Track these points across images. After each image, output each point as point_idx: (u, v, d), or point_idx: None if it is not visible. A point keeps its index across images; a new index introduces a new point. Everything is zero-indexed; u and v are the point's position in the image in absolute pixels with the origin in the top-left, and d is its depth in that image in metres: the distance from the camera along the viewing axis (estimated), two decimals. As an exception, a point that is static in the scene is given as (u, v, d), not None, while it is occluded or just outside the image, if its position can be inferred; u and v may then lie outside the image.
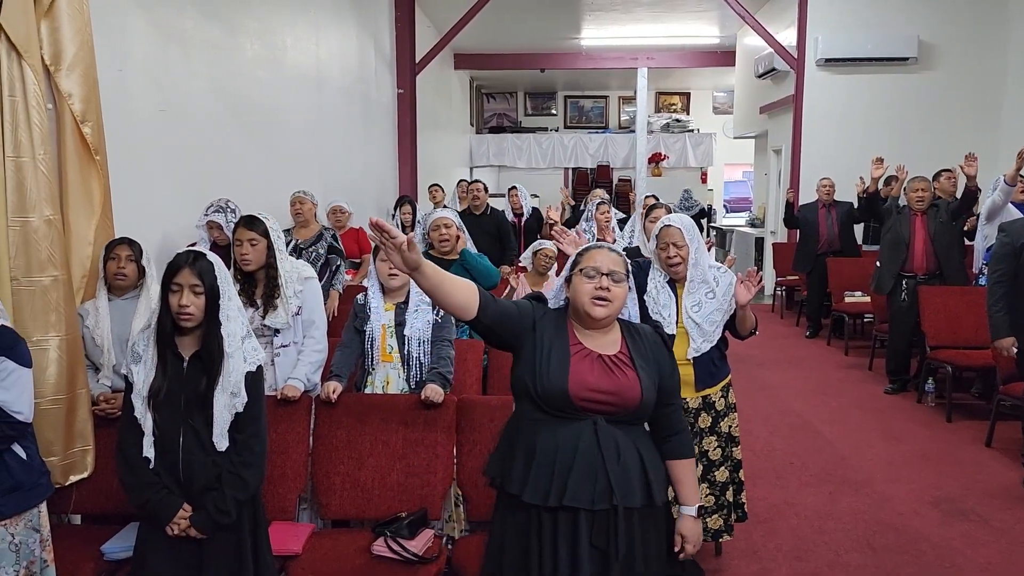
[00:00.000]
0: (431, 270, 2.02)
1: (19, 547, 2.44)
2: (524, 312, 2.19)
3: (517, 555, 2.13)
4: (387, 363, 3.23)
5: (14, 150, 2.70)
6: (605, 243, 2.27)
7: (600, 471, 2.05)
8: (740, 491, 3.36)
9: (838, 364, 7.19)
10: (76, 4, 2.97)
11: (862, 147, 8.39)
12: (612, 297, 2.12)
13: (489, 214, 6.66)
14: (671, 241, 3.11)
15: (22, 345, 2.44)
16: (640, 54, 13.24)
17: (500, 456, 2.22)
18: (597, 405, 2.08)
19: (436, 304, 2.14)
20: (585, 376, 2.09)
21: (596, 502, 2.05)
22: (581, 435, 2.07)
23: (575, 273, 2.17)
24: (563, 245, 3.07)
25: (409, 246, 1.94)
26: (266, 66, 5.78)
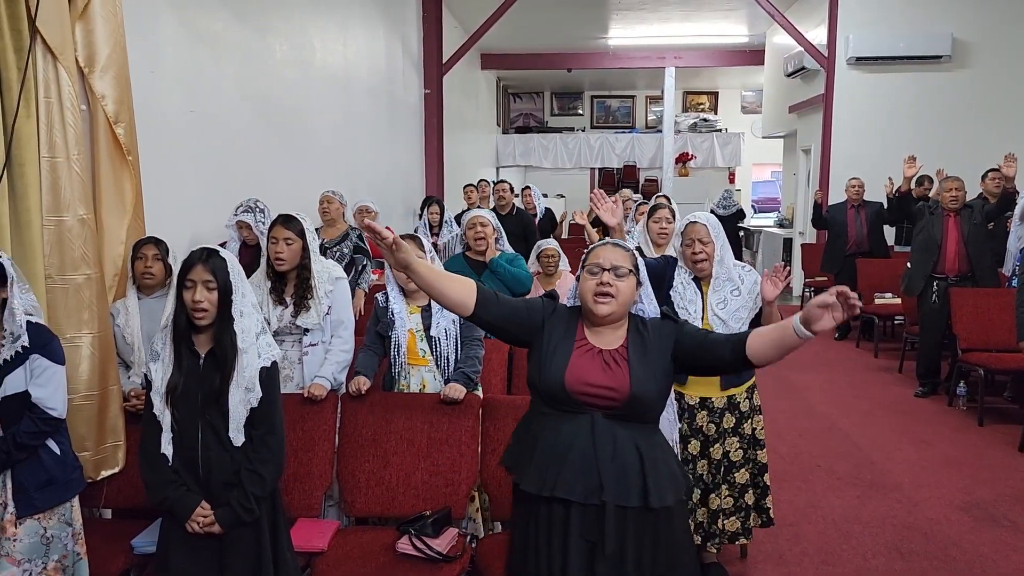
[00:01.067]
0: (424, 268, 2.08)
1: (51, 540, 2.49)
2: (534, 310, 2.23)
3: (520, 544, 2.18)
4: (421, 367, 3.23)
5: (49, 150, 2.75)
6: (611, 239, 2.27)
7: (592, 466, 2.07)
8: (765, 495, 3.32)
9: (867, 366, 7.11)
10: (110, 7, 3.02)
11: (893, 147, 8.28)
12: (615, 292, 2.13)
13: (515, 214, 6.68)
14: (697, 238, 3.10)
15: (55, 343, 2.49)
16: (668, 53, 13.17)
17: (514, 446, 2.28)
18: (594, 399, 2.10)
19: (434, 300, 2.17)
20: (582, 371, 2.12)
21: (586, 496, 2.07)
22: (579, 429, 2.10)
23: (582, 271, 2.20)
24: (600, 211, 3.04)
25: (396, 246, 1.99)
26: (294, 67, 5.84)
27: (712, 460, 3.19)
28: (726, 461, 3.20)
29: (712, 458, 3.19)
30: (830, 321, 1.94)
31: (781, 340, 2.05)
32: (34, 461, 2.46)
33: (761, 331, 2.11)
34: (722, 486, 3.19)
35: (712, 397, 3.18)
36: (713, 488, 3.19)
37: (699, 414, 3.19)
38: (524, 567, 2.17)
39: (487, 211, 4.22)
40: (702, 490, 3.21)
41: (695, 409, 3.19)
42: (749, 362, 2.10)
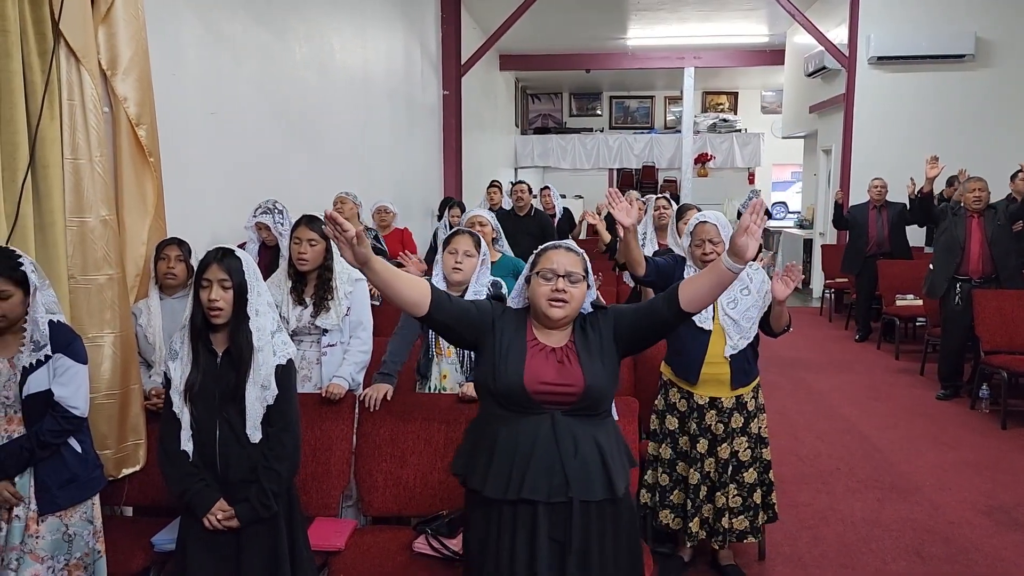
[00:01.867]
0: (380, 266, 2.08)
1: (72, 538, 2.52)
2: (483, 311, 2.23)
3: (480, 548, 2.18)
4: (445, 358, 3.26)
5: (72, 152, 2.79)
6: (564, 242, 2.27)
7: (557, 465, 2.09)
8: (770, 492, 3.33)
9: (888, 369, 7.04)
10: (132, 10, 3.06)
11: (915, 147, 8.20)
12: (569, 298, 2.14)
13: (533, 215, 6.68)
14: (707, 238, 3.10)
15: (78, 342, 2.53)
16: (687, 53, 13.13)
17: (464, 453, 2.27)
18: (552, 397, 2.12)
19: (386, 300, 2.18)
20: (539, 370, 2.13)
21: (553, 495, 2.08)
22: (539, 429, 2.11)
23: (532, 274, 2.20)
24: (615, 210, 3.03)
25: (359, 240, 2.00)
26: (314, 69, 5.87)
27: (719, 459, 3.19)
28: (735, 460, 3.20)
29: (720, 457, 3.19)
30: (754, 245, 2.01)
31: (717, 279, 2.10)
32: (56, 459, 2.49)
33: (691, 279, 2.17)
34: (730, 485, 3.20)
35: (722, 397, 3.18)
36: (720, 486, 3.19)
37: (708, 413, 3.19)
38: (484, 571, 2.17)
39: (486, 211, 4.23)
40: (708, 488, 3.21)
41: (704, 409, 3.19)
42: (685, 312, 2.13)
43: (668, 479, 3.28)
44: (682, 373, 3.22)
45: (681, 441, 3.25)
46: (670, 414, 3.28)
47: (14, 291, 2.37)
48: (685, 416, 3.24)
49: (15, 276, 2.37)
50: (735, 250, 2.02)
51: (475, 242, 3.21)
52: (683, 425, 3.25)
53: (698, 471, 3.20)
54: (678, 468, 3.27)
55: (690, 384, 3.20)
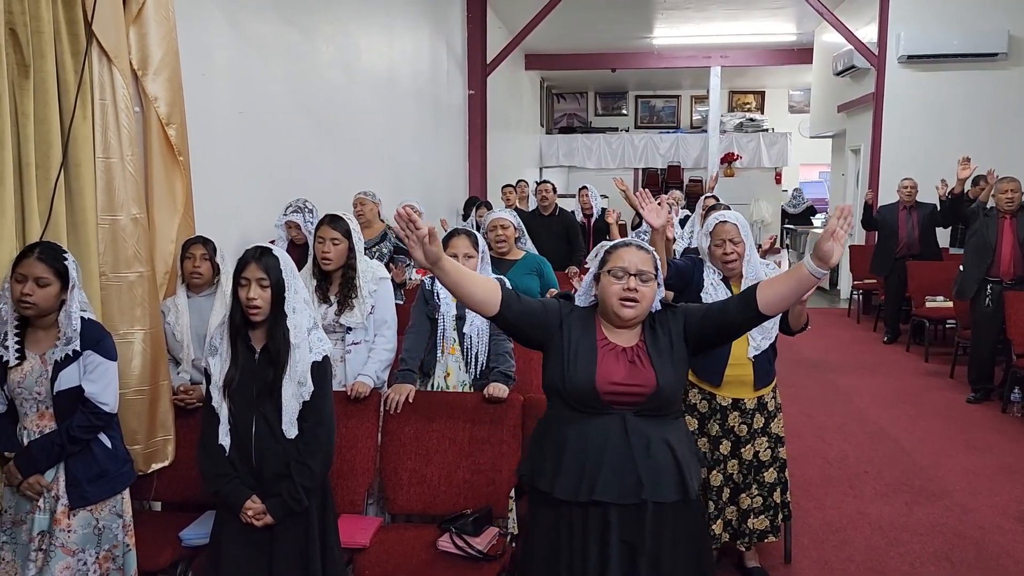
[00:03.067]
0: (451, 265, 2.07)
1: (102, 531, 2.55)
2: (551, 310, 2.21)
3: (547, 552, 2.15)
4: (450, 355, 3.27)
5: (104, 151, 2.83)
6: (634, 240, 2.25)
7: (629, 466, 2.06)
8: (785, 490, 3.32)
9: (917, 371, 6.95)
10: (163, 11, 3.09)
11: (946, 147, 8.09)
12: (640, 297, 2.11)
13: (558, 215, 6.67)
14: (727, 238, 3.08)
15: (108, 339, 2.56)
16: (713, 53, 13.05)
17: (532, 455, 2.25)
18: (624, 398, 2.09)
19: (457, 299, 2.17)
20: (611, 371, 2.11)
21: (625, 496, 2.06)
22: (610, 430, 2.09)
23: (603, 272, 2.17)
24: (645, 212, 3.02)
25: (431, 239, 1.97)
26: (341, 69, 5.91)
27: (743, 460, 3.18)
28: (756, 461, 3.20)
29: (743, 458, 3.18)
30: (840, 250, 1.97)
31: (797, 284, 2.06)
32: (87, 455, 2.53)
33: (771, 281, 2.12)
34: (752, 486, 3.17)
35: (744, 399, 3.16)
36: (744, 488, 3.17)
37: (731, 415, 3.17)
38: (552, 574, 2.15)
39: (508, 212, 4.23)
40: (732, 489, 3.19)
41: (727, 410, 3.17)
42: (762, 314, 2.08)
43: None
44: (704, 375, 3.20)
45: (699, 443, 3.23)
46: (689, 415, 3.26)
47: (53, 281, 2.42)
48: (706, 417, 3.22)
49: (57, 267, 2.42)
50: (819, 254, 1.98)
51: (472, 242, 3.22)
52: (703, 426, 3.23)
53: (721, 472, 3.18)
54: None
55: (713, 386, 3.18)
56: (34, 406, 2.48)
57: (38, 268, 2.40)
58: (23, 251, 2.45)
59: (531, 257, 4.19)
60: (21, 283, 2.39)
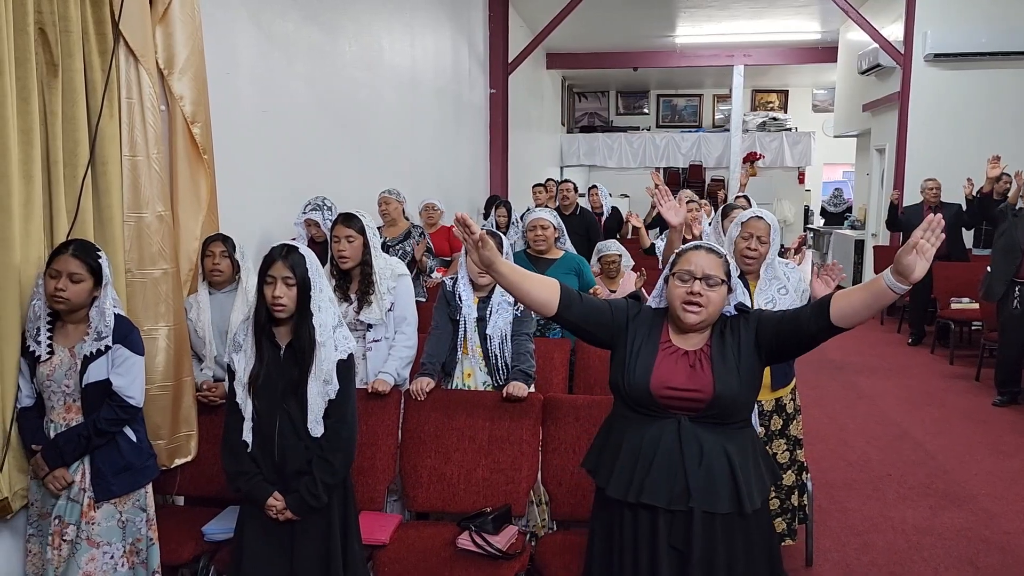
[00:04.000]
0: (507, 268, 2.07)
1: (126, 524, 2.59)
2: (618, 310, 2.19)
3: (604, 551, 2.15)
4: (471, 356, 3.28)
5: (130, 149, 2.86)
6: (705, 243, 2.19)
7: (679, 472, 2.03)
8: (803, 493, 3.30)
9: (942, 374, 6.86)
10: (188, 11, 3.12)
11: (973, 147, 7.98)
12: (706, 303, 2.06)
13: (579, 214, 6.66)
14: (756, 234, 3.05)
15: (136, 334, 2.60)
16: (736, 51, 12.95)
17: (596, 450, 2.25)
18: (679, 403, 2.06)
19: (517, 300, 2.16)
20: (668, 374, 2.07)
21: (673, 503, 2.03)
22: (664, 434, 2.06)
23: (671, 275, 2.13)
24: (663, 210, 2.99)
25: (482, 243, 1.98)
26: (363, 68, 5.93)
27: None
28: None
29: None
30: (924, 265, 1.87)
31: (874, 298, 1.95)
32: (112, 448, 2.56)
33: (847, 292, 2.01)
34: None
35: (762, 400, 3.14)
36: None
37: (750, 416, 3.15)
38: (610, 571, 2.14)
39: (550, 212, 4.23)
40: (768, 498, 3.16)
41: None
42: (834, 326, 1.98)
43: None
44: None
45: None
46: None
47: (86, 277, 2.47)
48: None
49: (91, 264, 2.47)
50: (900, 268, 1.87)
51: (497, 244, 3.21)
52: None
53: None
54: None
55: None
56: (62, 399, 2.52)
57: (72, 264, 2.44)
58: (58, 248, 2.50)
59: (570, 256, 4.20)
60: (55, 279, 2.44)
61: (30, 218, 2.51)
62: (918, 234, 1.87)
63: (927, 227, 1.87)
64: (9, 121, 2.39)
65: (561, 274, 3.70)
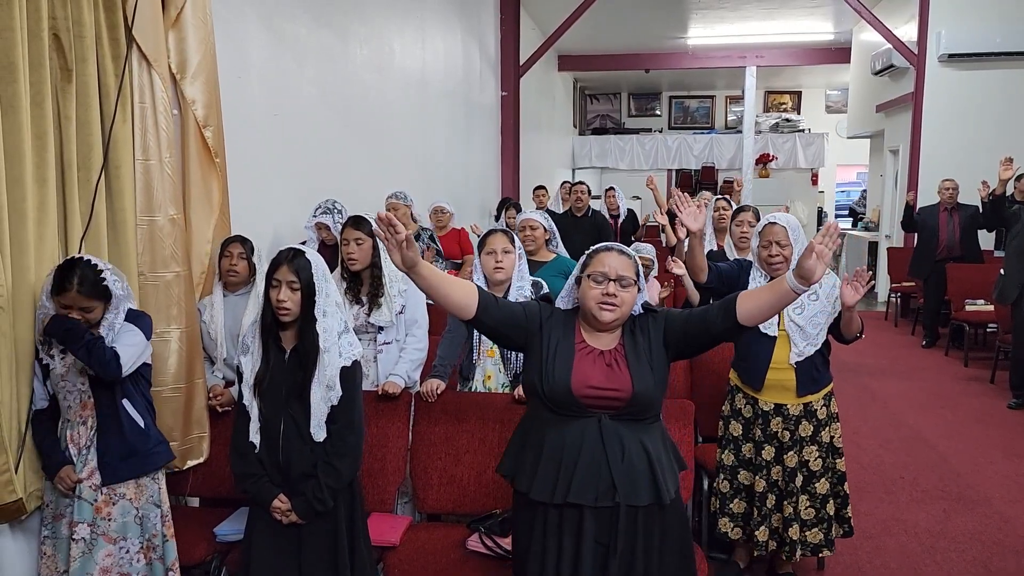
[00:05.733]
0: (427, 270, 2.10)
1: (142, 520, 2.61)
2: (531, 313, 2.23)
3: (527, 550, 2.18)
4: (488, 358, 3.28)
5: (143, 153, 2.88)
6: (616, 245, 2.24)
7: (604, 469, 2.08)
8: (845, 505, 3.24)
9: (956, 376, 6.82)
10: (200, 15, 3.15)
11: (988, 147, 7.91)
12: (619, 302, 2.12)
13: (591, 216, 6.67)
14: (775, 240, 3.04)
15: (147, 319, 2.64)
16: (749, 52, 12.90)
17: (512, 454, 2.27)
18: (600, 401, 2.11)
19: (435, 303, 2.20)
20: (587, 374, 2.12)
21: (599, 499, 2.08)
22: (586, 433, 2.10)
23: (583, 276, 2.18)
24: (683, 215, 2.99)
25: (408, 244, 2.02)
26: (374, 70, 5.95)
27: (786, 467, 3.12)
28: (805, 471, 3.13)
29: (786, 465, 3.12)
30: (823, 268, 1.97)
31: (777, 299, 2.08)
32: (117, 433, 2.55)
33: (752, 292, 2.16)
34: (802, 496, 3.12)
35: (787, 404, 3.11)
36: (788, 495, 3.12)
37: (773, 420, 3.13)
38: (529, 571, 2.17)
39: (539, 213, 4.24)
40: (776, 496, 3.14)
41: (769, 415, 3.13)
42: (741, 325, 2.10)
43: (729, 487, 3.23)
44: (747, 379, 3.17)
45: (744, 448, 3.20)
46: (735, 420, 3.23)
47: (97, 304, 2.48)
48: (750, 422, 3.18)
49: (98, 291, 2.47)
50: (801, 272, 1.98)
51: (509, 239, 3.24)
52: (747, 431, 3.20)
53: (764, 479, 3.14)
54: (739, 476, 3.22)
55: (755, 390, 3.15)
56: (77, 397, 2.54)
57: (82, 301, 2.43)
58: (59, 279, 2.42)
59: (561, 259, 4.19)
60: (67, 310, 2.44)
61: (44, 222, 2.53)
62: (817, 239, 1.98)
63: (825, 232, 1.99)
64: (23, 125, 2.42)
65: (551, 277, 3.69)
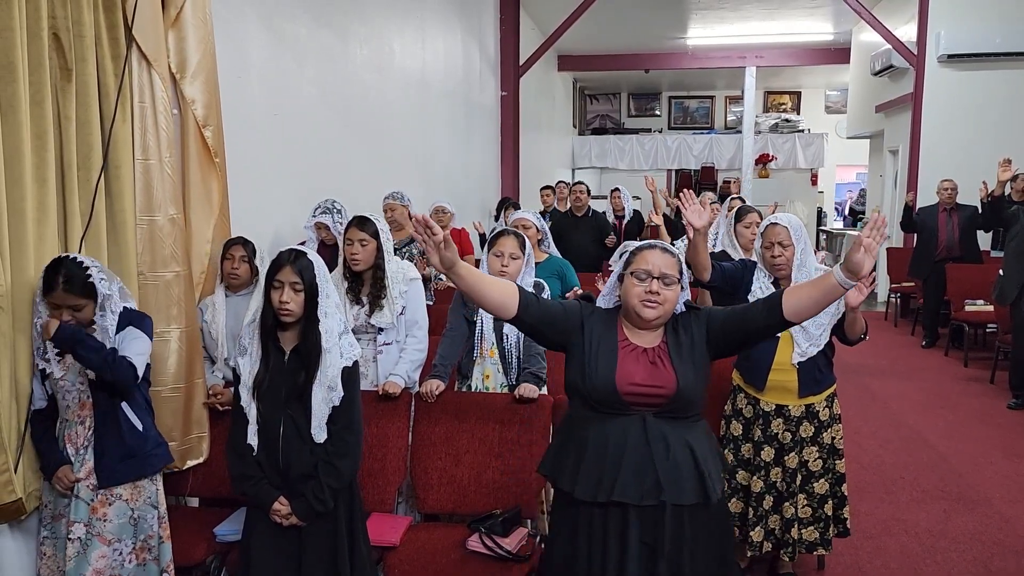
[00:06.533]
0: (466, 270, 2.09)
1: (137, 522, 2.60)
2: (571, 312, 2.22)
3: (568, 551, 2.16)
4: (488, 358, 3.28)
5: (143, 153, 2.88)
6: (659, 242, 2.24)
7: (648, 467, 2.07)
8: (842, 505, 3.24)
9: (956, 376, 6.82)
10: (200, 15, 3.15)
11: (988, 148, 7.91)
12: (662, 300, 2.12)
13: (591, 216, 6.66)
14: (777, 240, 3.03)
15: (148, 320, 2.64)
16: (748, 53, 12.91)
17: (554, 454, 2.26)
18: (644, 399, 2.10)
19: (474, 304, 2.20)
20: (631, 371, 2.11)
21: (645, 498, 2.06)
22: (630, 431, 2.09)
23: (626, 274, 2.17)
24: (687, 213, 3.00)
25: (445, 245, 2.00)
26: (374, 71, 5.95)
27: (787, 468, 3.11)
28: (804, 471, 3.13)
29: (787, 466, 3.11)
30: (871, 262, 1.97)
31: (823, 294, 2.06)
32: (115, 435, 2.55)
33: (798, 286, 2.14)
34: (799, 495, 3.12)
35: (789, 405, 3.11)
36: (788, 496, 3.11)
37: (774, 421, 3.12)
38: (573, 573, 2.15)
39: (531, 213, 4.24)
40: (775, 498, 3.14)
41: (771, 416, 3.13)
42: (787, 321, 2.09)
43: (727, 486, 3.22)
44: (749, 379, 3.17)
45: (743, 448, 3.20)
46: (735, 420, 3.22)
47: (87, 303, 2.48)
48: (750, 423, 3.18)
49: (86, 290, 2.47)
50: (849, 266, 1.98)
51: (520, 243, 3.23)
52: (747, 432, 3.19)
53: (762, 479, 3.14)
54: (737, 476, 3.22)
55: (757, 390, 3.14)
56: (76, 397, 2.54)
57: (69, 299, 2.44)
58: (47, 280, 2.43)
59: (554, 260, 4.19)
60: (58, 310, 2.45)
61: (44, 222, 2.53)
62: (865, 232, 1.98)
63: (873, 225, 1.99)
64: (23, 125, 2.42)
65: (544, 277, 3.69)
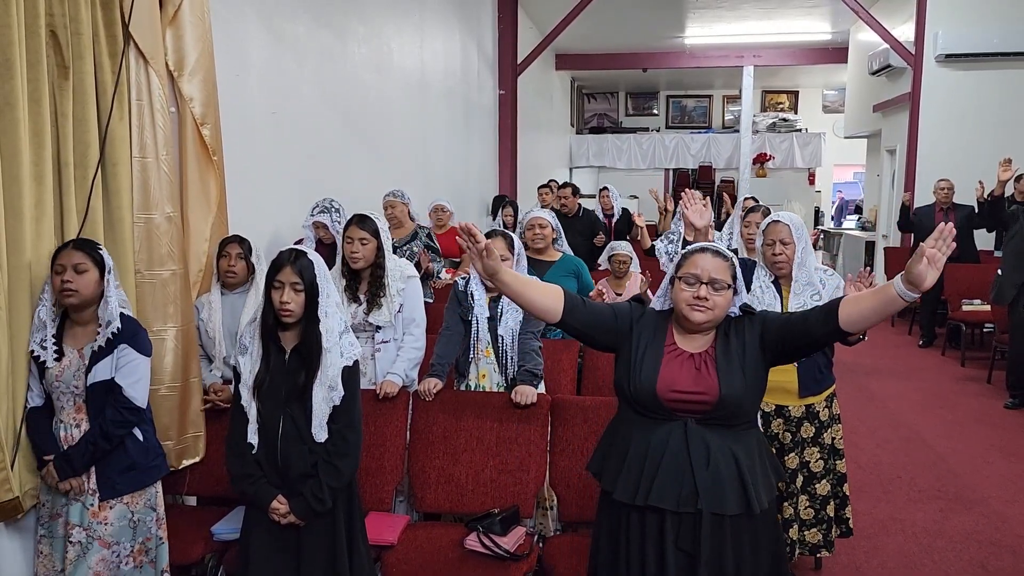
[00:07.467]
0: (510, 276, 2.09)
1: (136, 524, 2.60)
2: (621, 315, 2.19)
3: (610, 553, 2.15)
4: (485, 357, 3.28)
5: (140, 151, 2.87)
6: (712, 245, 2.18)
7: (687, 474, 2.03)
8: (844, 505, 3.24)
9: (953, 376, 6.83)
10: (198, 13, 3.14)
11: (984, 148, 7.92)
12: (711, 306, 2.07)
13: (582, 215, 6.67)
14: (778, 238, 3.03)
15: (143, 335, 2.61)
16: (746, 52, 12.90)
17: (601, 453, 2.25)
18: (686, 405, 2.06)
19: (521, 308, 2.18)
20: (674, 377, 2.07)
21: (681, 505, 2.03)
22: (671, 436, 2.06)
23: (676, 278, 2.13)
24: (689, 212, 2.99)
25: (488, 253, 2.00)
26: (372, 70, 5.94)
27: (787, 469, 3.11)
28: (805, 471, 3.13)
29: (787, 467, 3.11)
30: (935, 274, 1.85)
31: (883, 305, 1.95)
32: (118, 448, 2.57)
33: (856, 297, 2.02)
34: (802, 496, 3.12)
35: (789, 406, 3.11)
36: (787, 497, 3.11)
37: (774, 422, 3.12)
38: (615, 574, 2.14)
39: (547, 212, 4.23)
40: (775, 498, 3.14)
41: (770, 416, 3.13)
42: (843, 331, 2.00)
43: None
44: None
45: None
46: None
47: (91, 267, 2.49)
48: None
49: (93, 255, 2.49)
50: (911, 278, 1.86)
51: (508, 244, 3.22)
52: None
53: None
54: None
55: None
56: (71, 399, 2.53)
57: (75, 256, 2.47)
58: (57, 248, 2.52)
59: (568, 259, 4.19)
60: (60, 273, 2.46)
61: (41, 219, 2.52)
62: (929, 243, 1.86)
63: (938, 236, 1.86)
64: (21, 123, 2.41)
65: (560, 276, 3.69)
